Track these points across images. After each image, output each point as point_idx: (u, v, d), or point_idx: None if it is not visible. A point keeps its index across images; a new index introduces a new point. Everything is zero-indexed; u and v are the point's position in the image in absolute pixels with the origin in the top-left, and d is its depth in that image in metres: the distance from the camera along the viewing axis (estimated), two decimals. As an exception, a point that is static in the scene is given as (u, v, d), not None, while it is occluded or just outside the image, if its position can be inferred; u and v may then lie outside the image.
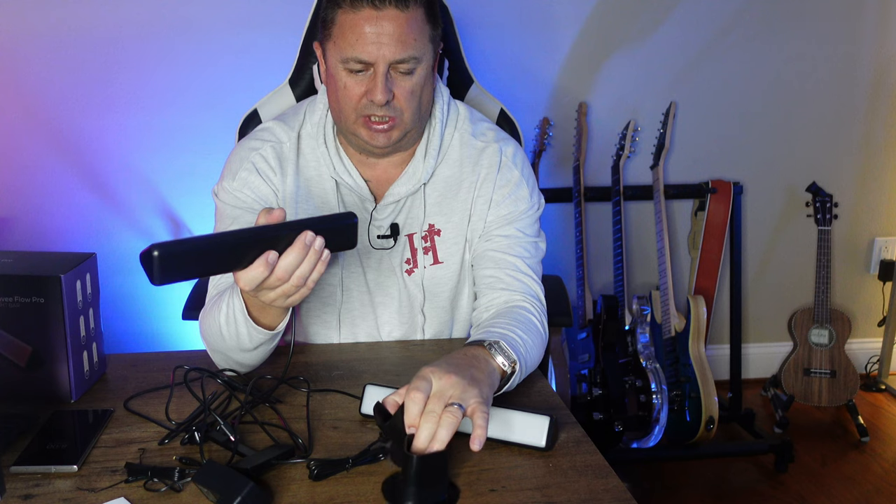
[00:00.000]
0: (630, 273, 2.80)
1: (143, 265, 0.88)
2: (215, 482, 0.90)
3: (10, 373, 1.14)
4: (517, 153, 1.38)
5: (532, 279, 1.32)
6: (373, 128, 1.23)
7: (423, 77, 1.24)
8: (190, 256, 0.91)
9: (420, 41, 1.21)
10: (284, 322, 1.15)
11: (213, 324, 1.18)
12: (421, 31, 1.21)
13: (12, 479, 0.96)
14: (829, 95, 2.77)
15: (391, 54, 1.18)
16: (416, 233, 1.36)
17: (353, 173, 1.33)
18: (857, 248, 2.96)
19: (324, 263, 1.01)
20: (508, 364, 1.11)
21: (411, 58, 1.20)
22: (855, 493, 2.36)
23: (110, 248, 2.45)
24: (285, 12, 2.34)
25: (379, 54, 1.18)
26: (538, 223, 1.39)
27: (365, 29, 1.17)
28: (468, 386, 0.96)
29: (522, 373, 1.16)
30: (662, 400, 2.39)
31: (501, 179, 1.35)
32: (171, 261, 0.89)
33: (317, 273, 1.01)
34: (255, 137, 1.36)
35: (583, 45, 2.58)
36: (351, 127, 1.26)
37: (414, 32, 1.20)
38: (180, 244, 0.90)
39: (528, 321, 1.25)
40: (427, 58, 1.24)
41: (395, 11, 1.17)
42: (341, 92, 1.23)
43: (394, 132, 1.25)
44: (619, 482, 0.98)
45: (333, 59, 1.23)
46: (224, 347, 1.18)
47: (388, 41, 1.18)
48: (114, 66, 2.35)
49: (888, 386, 2.95)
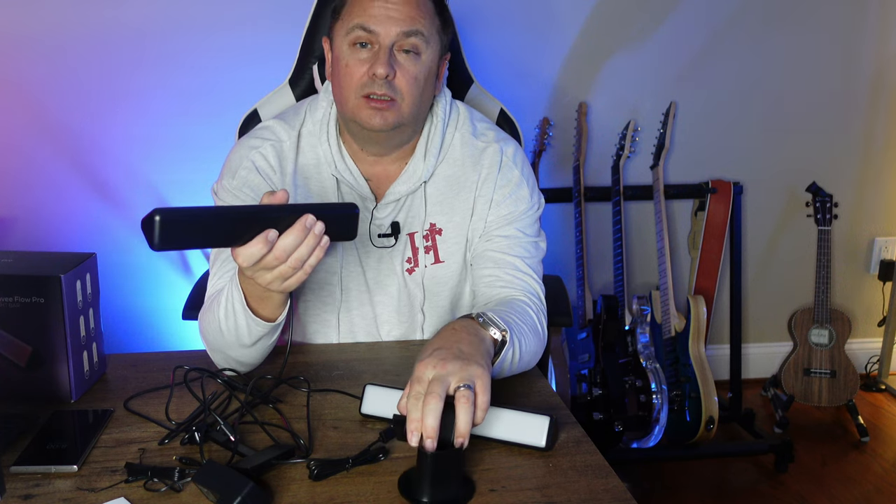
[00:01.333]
0: (630, 273, 2.80)
1: (144, 230, 0.87)
2: (215, 482, 0.90)
3: (10, 373, 1.14)
4: (517, 153, 1.38)
5: (532, 278, 1.32)
6: (372, 105, 1.23)
7: (426, 68, 1.24)
8: (191, 226, 0.90)
9: (428, 23, 1.23)
10: (283, 315, 1.15)
11: (213, 319, 1.18)
12: (430, 16, 1.23)
13: (12, 479, 0.96)
14: (830, 95, 2.77)
15: (398, 27, 1.20)
16: (417, 231, 1.36)
17: (353, 171, 1.33)
18: (857, 248, 2.96)
19: (322, 249, 1.01)
20: (499, 332, 1.09)
21: (417, 32, 1.21)
22: (855, 493, 2.36)
23: (110, 248, 2.45)
24: (285, 12, 2.34)
25: (385, 26, 1.20)
26: (538, 223, 1.39)
27: (374, 2, 1.20)
28: (465, 366, 0.95)
29: (516, 352, 1.14)
30: (662, 400, 2.39)
31: (502, 179, 1.35)
32: (172, 227, 0.88)
33: (315, 258, 1.01)
34: (255, 136, 1.36)
35: (583, 45, 2.58)
36: (351, 110, 1.25)
37: (423, 13, 1.22)
38: (183, 212, 0.89)
39: (524, 312, 1.25)
40: (433, 47, 1.25)
41: None
42: (343, 71, 1.24)
43: (390, 114, 1.23)
44: (619, 482, 0.98)
45: (339, 38, 1.24)
46: (223, 344, 1.18)
47: (397, 14, 1.20)
48: (114, 67, 2.35)
49: (888, 386, 2.95)
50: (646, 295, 2.59)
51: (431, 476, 0.91)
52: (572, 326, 2.44)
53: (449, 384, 0.93)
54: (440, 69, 1.31)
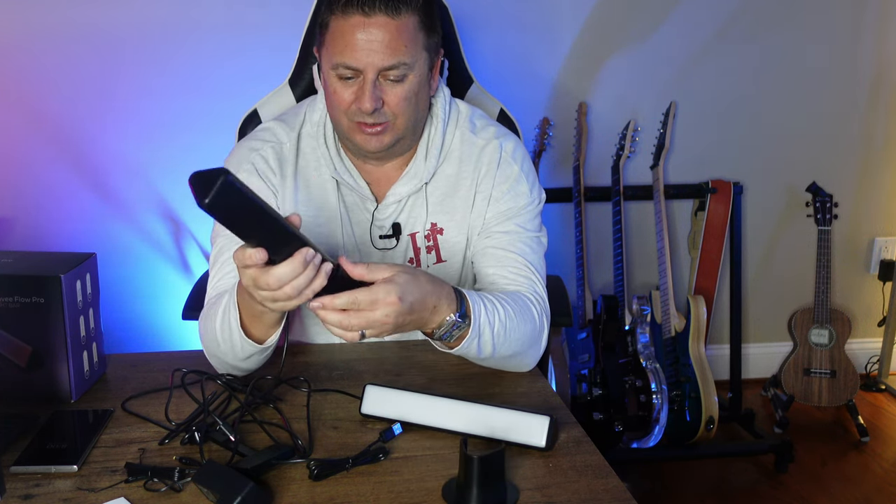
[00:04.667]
0: (630, 273, 2.80)
1: (197, 184, 0.83)
2: (215, 482, 0.90)
3: (10, 373, 1.14)
4: (517, 148, 1.37)
5: (534, 275, 1.31)
6: (366, 131, 1.23)
7: (417, 84, 1.23)
8: (245, 205, 0.87)
9: (412, 48, 1.20)
10: (274, 337, 1.14)
11: (210, 328, 1.18)
12: (413, 38, 1.20)
13: (12, 479, 0.96)
14: (829, 95, 2.77)
15: (379, 61, 1.18)
16: (418, 232, 1.36)
17: (353, 173, 1.33)
18: (857, 248, 2.96)
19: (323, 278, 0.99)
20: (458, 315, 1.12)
21: (401, 64, 1.19)
22: (855, 493, 2.36)
23: (110, 248, 2.45)
24: (285, 13, 2.34)
25: (367, 61, 1.18)
26: (539, 218, 1.38)
27: (355, 35, 1.17)
28: (395, 329, 1.04)
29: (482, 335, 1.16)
30: (662, 400, 2.39)
31: (501, 175, 1.34)
32: (230, 194, 0.84)
33: (311, 291, 0.99)
34: (256, 138, 1.35)
35: (583, 45, 2.58)
36: (345, 132, 1.27)
37: (405, 39, 1.19)
38: (244, 189, 0.86)
39: (524, 304, 1.24)
40: (420, 65, 1.23)
41: (385, 18, 1.17)
42: (331, 97, 1.24)
43: (385, 136, 1.25)
44: (619, 482, 0.98)
45: (326, 65, 1.23)
46: (220, 353, 1.18)
47: (378, 48, 1.17)
48: (114, 67, 2.35)
49: (888, 386, 2.95)
50: (646, 295, 2.59)
51: (478, 479, 0.90)
52: (572, 326, 2.44)
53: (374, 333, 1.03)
54: (433, 71, 1.29)
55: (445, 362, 1.30)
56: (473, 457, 0.90)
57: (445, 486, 0.96)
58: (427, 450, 1.04)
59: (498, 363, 1.24)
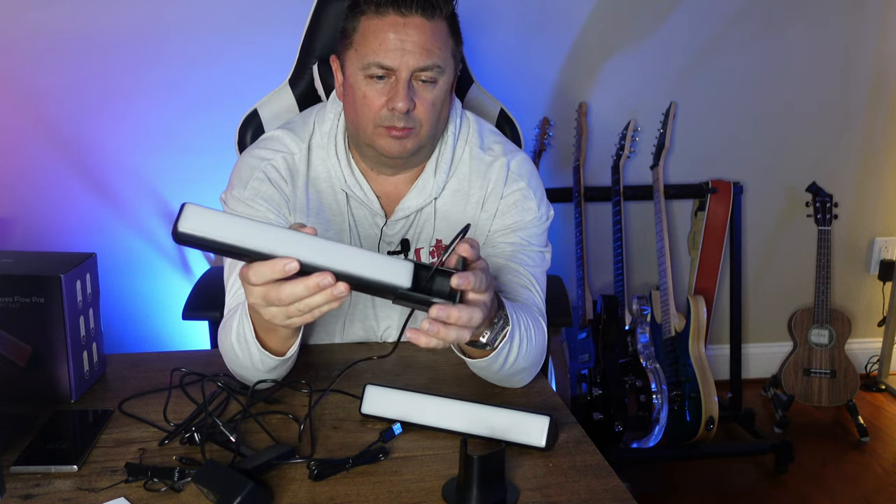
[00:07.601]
0: (630, 273, 2.80)
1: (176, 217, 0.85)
2: (215, 482, 0.90)
3: (10, 373, 1.14)
4: (524, 165, 1.36)
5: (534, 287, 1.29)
6: (392, 133, 1.21)
7: (444, 91, 1.23)
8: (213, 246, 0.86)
9: (444, 52, 1.20)
10: (294, 348, 1.11)
11: (227, 341, 1.14)
12: (445, 42, 1.20)
13: (12, 479, 0.96)
14: (830, 95, 2.77)
15: (414, 62, 1.17)
16: (423, 248, 1.35)
17: (363, 186, 1.31)
18: (857, 248, 2.96)
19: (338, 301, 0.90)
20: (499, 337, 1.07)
21: (435, 66, 1.19)
22: (855, 493, 2.36)
23: (110, 248, 2.45)
24: (285, 12, 2.34)
25: (402, 61, 1.17)
26: (545, 234, 1.36)
27: (389, 35, 1.17)
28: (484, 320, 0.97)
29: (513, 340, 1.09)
30: (662, 400, 2.39)
31: (508, 192, 1.33)
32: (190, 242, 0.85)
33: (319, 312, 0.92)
34: (265, 147, 1.33)
35: (583, 45, 2.58)
36: (368, 138, 1.24)
37: (438, 42, 1.19)
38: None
39: (534, 316, 1.21)
40: (449, 71, 1.23)
41: (420, 19, 1.17)
42: (360, 102, 1.21)
43: (409, 141, 1.23)
44: (619, 482, 0.98)
45: (353, 67, 1.21)
46: (239, 366, 1.15)
47: (413, 48, 1.16)
48: (114, 67, 2.35)
49: (888, 386, 2.95)
50: (646, 295, 2.59)
51: (478, 479, 0.90)
52: (572, 326, 2.44)
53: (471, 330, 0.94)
54: (453, 85, 1.28)
55: (445, 362, 1.30)
56: (473, 457, 0.90)
57: (445, 486, 0.96)
58: (427, 450, 1.04)
59: (505, 376, 1.19)
